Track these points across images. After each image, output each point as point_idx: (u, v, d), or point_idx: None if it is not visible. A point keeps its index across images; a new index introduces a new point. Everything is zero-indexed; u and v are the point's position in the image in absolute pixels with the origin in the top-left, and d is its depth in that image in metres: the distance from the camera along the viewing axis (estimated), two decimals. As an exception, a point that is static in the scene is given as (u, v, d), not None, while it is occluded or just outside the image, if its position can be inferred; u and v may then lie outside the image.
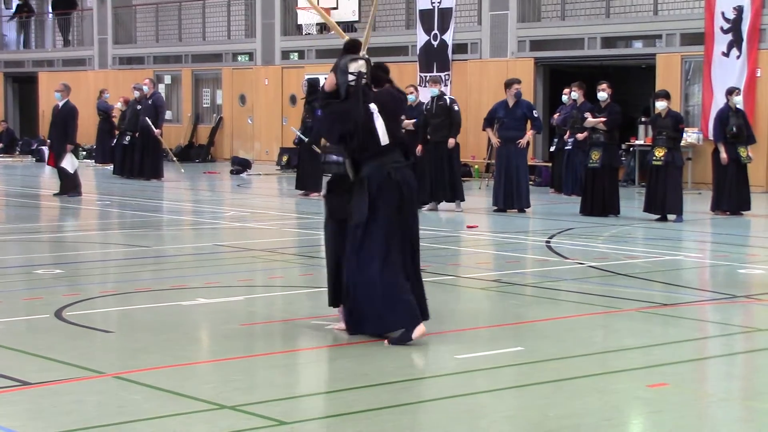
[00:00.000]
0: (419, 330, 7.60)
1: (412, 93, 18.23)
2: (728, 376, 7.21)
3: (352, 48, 8.03)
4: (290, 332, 8.24)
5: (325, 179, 8.74)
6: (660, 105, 16.32)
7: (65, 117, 19.71)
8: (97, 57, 35.08)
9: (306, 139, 19.62)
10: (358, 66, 7.87)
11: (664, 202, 16.07)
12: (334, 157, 8.37)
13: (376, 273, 7.62)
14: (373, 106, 7.84)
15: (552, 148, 21.94)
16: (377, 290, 7.64)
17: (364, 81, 7.87)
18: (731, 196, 17.09)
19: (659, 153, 16.18)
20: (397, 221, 7.72)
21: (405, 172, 7.86)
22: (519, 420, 5.91)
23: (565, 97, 21.01)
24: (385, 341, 7.61)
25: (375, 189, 7.71)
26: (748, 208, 17.14)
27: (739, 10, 21.38)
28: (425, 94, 19.91)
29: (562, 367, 6.95)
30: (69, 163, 19.43)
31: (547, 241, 13.59)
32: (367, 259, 7.65)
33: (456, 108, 17.69)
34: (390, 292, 7.62)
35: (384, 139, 7.80)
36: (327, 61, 28.61)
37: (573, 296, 9.75)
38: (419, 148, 17.36)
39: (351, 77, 7.83)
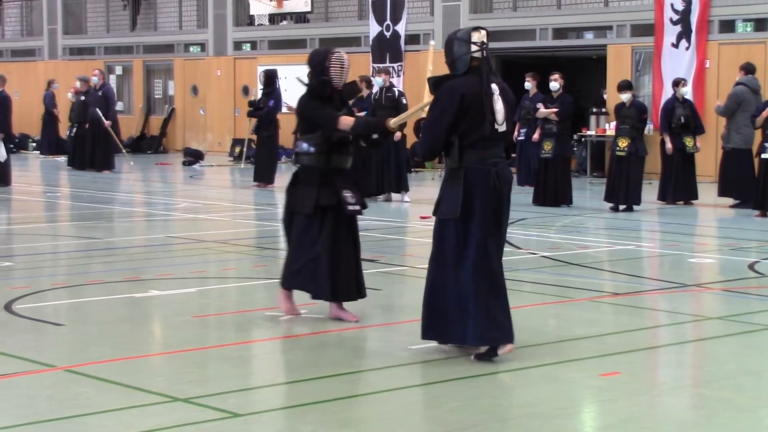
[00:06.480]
0: (507, 347, 6.94)
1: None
2: (679, 364, 7.28)
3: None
4: (243, 324, 8.20)
5: (293, 169, 8.19)
6: (624, 96, 16.39)
7: None
8: (47, 47, 34.68)
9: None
10: (481, 36, 7.01)
11: (627, 192, 16.17)
12: (305, 146, 7.97)
13: (469, 276, 6.93)
14: (494, 86, 7.02)
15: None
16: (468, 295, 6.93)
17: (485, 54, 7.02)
18: (677, 186, 17.26)
19: (622, 143, 16.29)
20: (492, 222, 6.97)
21: (506, 169, 7.06)
22: (473, 409, 5.93)
23: (528, 84, 19.99)
24: (472, 356, 6.95)
25: (472, 185, 6.94)
26: (696, 198, 17.31)
27: (688, 1, 21.54)
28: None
29: (515, 356, 6.98)
30: None
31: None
32: (464, 261, 6.94)
33: (404, 101, 17.56)
34: (486, 301, 6.95)
35: (502, 125, 6.99)
36: (279, 51, 28.57)
37: (526, 286, 9.78)
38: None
39: (474, 48, 6.95)
